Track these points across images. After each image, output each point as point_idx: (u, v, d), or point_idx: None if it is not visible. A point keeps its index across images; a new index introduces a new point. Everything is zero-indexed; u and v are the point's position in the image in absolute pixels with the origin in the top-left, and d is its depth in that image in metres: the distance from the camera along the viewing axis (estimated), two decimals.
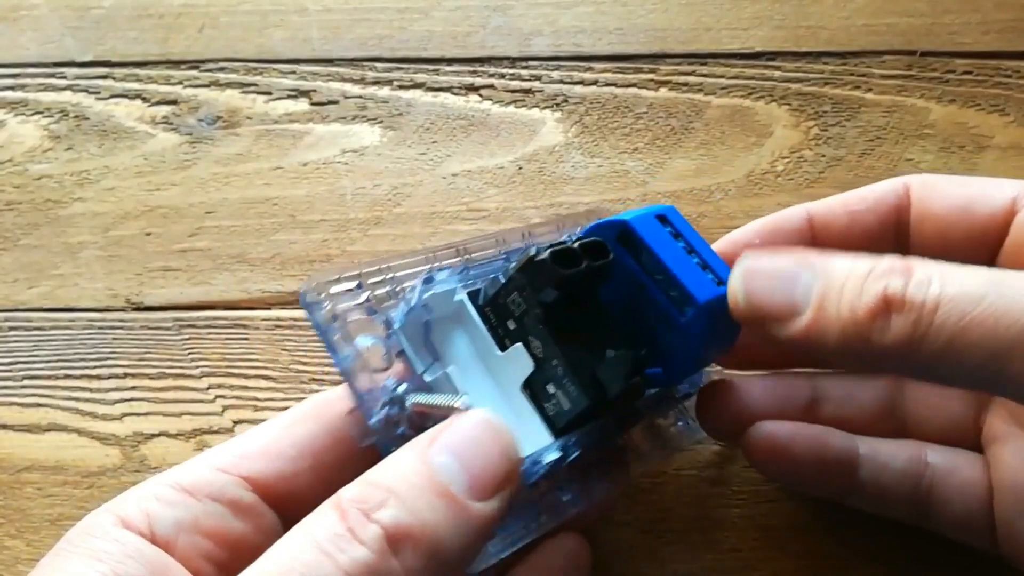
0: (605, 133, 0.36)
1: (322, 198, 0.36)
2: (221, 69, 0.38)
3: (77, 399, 0.33)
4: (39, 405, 0.33)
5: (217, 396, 0.33)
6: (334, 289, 0.24)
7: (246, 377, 0.33)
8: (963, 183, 0.27)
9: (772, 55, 0.37)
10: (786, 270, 0.23)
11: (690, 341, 0.25)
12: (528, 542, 0.24)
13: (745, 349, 0.28)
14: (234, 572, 0.22)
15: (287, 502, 0.24)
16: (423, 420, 0.23)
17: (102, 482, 0.32)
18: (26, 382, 0.34)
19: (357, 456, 0.25)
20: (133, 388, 0.33)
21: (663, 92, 0.37)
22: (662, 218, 0.26)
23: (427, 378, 0.24)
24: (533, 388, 0.24)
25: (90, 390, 0.33)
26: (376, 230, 0.35)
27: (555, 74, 0.37)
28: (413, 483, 0.20)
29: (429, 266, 0.25)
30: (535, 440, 0.24)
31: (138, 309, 0.34)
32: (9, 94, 0.37)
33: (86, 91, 0.37)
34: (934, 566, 0.31)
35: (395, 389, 0.23)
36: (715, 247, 0.28)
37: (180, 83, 0.37)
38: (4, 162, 0.37)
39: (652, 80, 0.37)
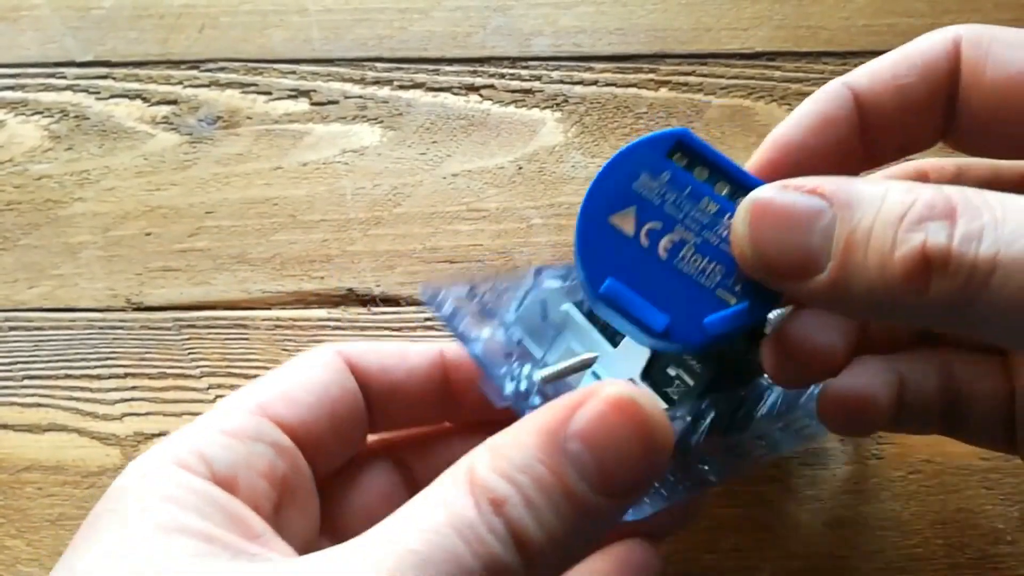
0: (605, 133, 0.36)
1: (322, 198, 0.36)
2: (221, 69, 0.38)
3: (77, 399, 0.33)
4: (39, 405, 0.33)
5: (217, 396, 0.33)
6: (449, 291, 0.24)
7: (246, 377, 0.33)
8: (1019, 45, 0.22)
9: (772, 55, 0.37)
10: (802, 209, 0.19)
11: None
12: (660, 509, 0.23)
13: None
14: (283, 512, 0.23)
15: (310, 451, 0.25)
16: (555, 389, 0.22)
17: (102, 482, 0.32)
18: (26, 382, 0.34)
19: (362, 418, 0.26)
20: (133, 388, 0.33)
21: (663, 92, 0.37)
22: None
23: (549, 361, 0.24)
24: (653, 376, 0.24)
25: (90, 390, 0.33)
26: (376, 230, 0.35)
27: (555, 74, 0.37)
28: (542, 480, 0.18)
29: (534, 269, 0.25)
30: None
31: (138, 309, 0.34)
32: (9, 94, 0.37)
33: (86, 91, 0.37)
34: (934, 566, 0.31)
35: (522, 366, 0.23)
36: (758, 157, 0.24)
37: (180, 83, 0.37)
38: (4, 162, 0.37)
39: (652, 80, 0.37)
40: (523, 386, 0.22)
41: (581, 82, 0.37)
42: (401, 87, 0.37)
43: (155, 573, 0.19)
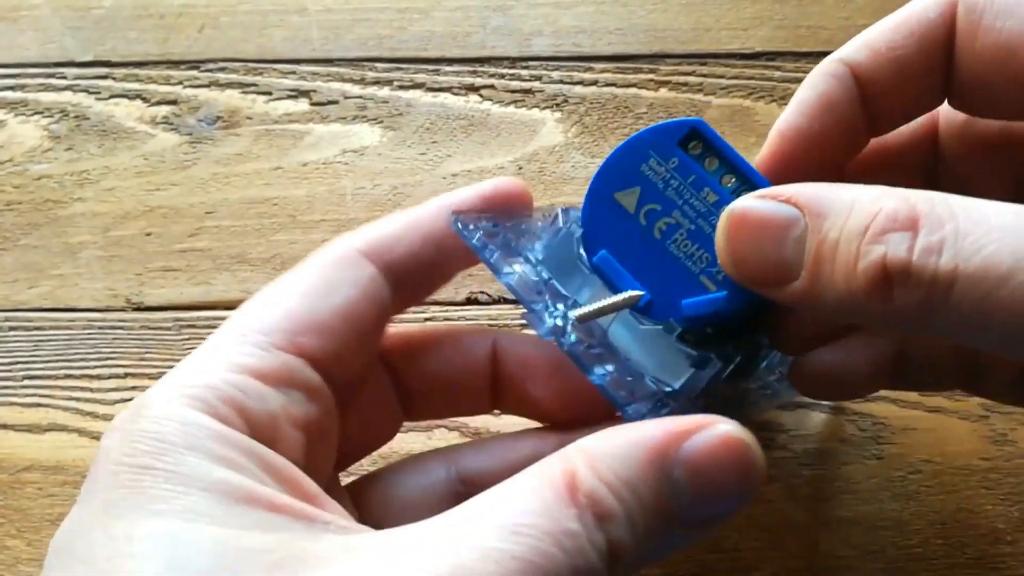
0: (605, 133, 0.36)
1: (322, 198, 0.36)
2: (221, 69, 0.38)
3: (77, 399, 0.33)
4: (39, 405, 0.33)
5: None
6: (475, 225, 0.24)
7: None
8: (1015, 15, 0.21)
9: (772, 55, 0.37)
10: (776, 220, 0.19)
11: None
12: None
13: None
14: (310, 456, 0.21)
15: (336, 374, 0.23)
16: (589, 330, 0.23)
17: None
18: (26, 382, 0.34)
19: (387, 319, 0.24)
20: (134, 388, 0.33)
21: (663, 92, 0.37)
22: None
23: (579, 300, 0.24)
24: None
25: (90, 390, 0.33)
26: None
27: (555, 74, 0.37)
28: (646, 503, 0.18)
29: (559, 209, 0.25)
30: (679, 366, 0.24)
31: (138, 309, 0.34)
32: (9, 94, 0.37)
33: (86, 91, 0.37)
34: (934, 566, 0.31)
35: (556, 309, 0.23)
36: (766, 151, 0.25)
37: (180, 83, 0.37)
38: (4, 162, 0.37)
39: (652, 80, 0.37)
40: (559, 322, 0.22)
41: (581, 82, 0.37)
42: (401, 87, 0.37)
43: (235, 557, 0.17)
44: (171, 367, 0.33)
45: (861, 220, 0.18)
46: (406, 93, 0.37)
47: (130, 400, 0.33)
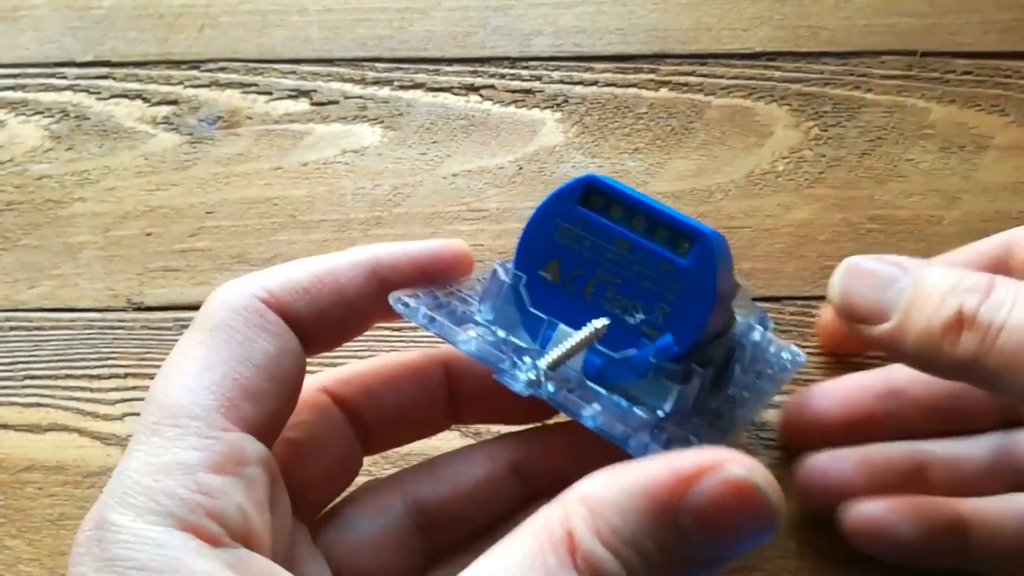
0: (605, 133, 0.36)
1: (322, 198, 0.36)
2: (221, 69, 0.38)
3: (78, 399, 0.33)
4: (39, 405, 0.33)
5: None
6: (416, 300, 0.24)
7: None
8: None
9: (772, 55, 0.37)
10: (884, 274, 0.24)
11: (700, 281, 0.22)
12: None
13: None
14: (275, 528, 0.21)
15: (274, 436, 0.22)
16: (563, 373, 0.23)
17: (103, 482, 0.32)
18: (26, 382, 0.34)
19: (302, 366, 0.23)
20: (134, 388, 0.33)
21: (663, 92, 0.37)
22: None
23: (541, 347, 0.24)
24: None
25: (91, 390, 0.33)
26: (376, 230, 0.35)
27: (555, 74, 0.37)
28: (652, 559, 0.17)
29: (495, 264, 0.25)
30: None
31: (138, 309, 0.34)
32: (9, 94, 0.37)
33: (86, 91, 0.37)
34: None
35: (520, 357, 0.23)
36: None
37: (180, 83, 0.37)
38: (4, 162, 0.37)
39: (652, 80, 0.37)
40: (532, 375, 0.22)
41: (581, 82, 0.37)
42: (401, 87, 0.37)
43: None
44: None
45: (952, 280, 0.23)
46: (406, 93, 0.37)
47: (130, 400, 0.34)
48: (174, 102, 0.37)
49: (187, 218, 0.36)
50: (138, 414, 0.33)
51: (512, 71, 0.37)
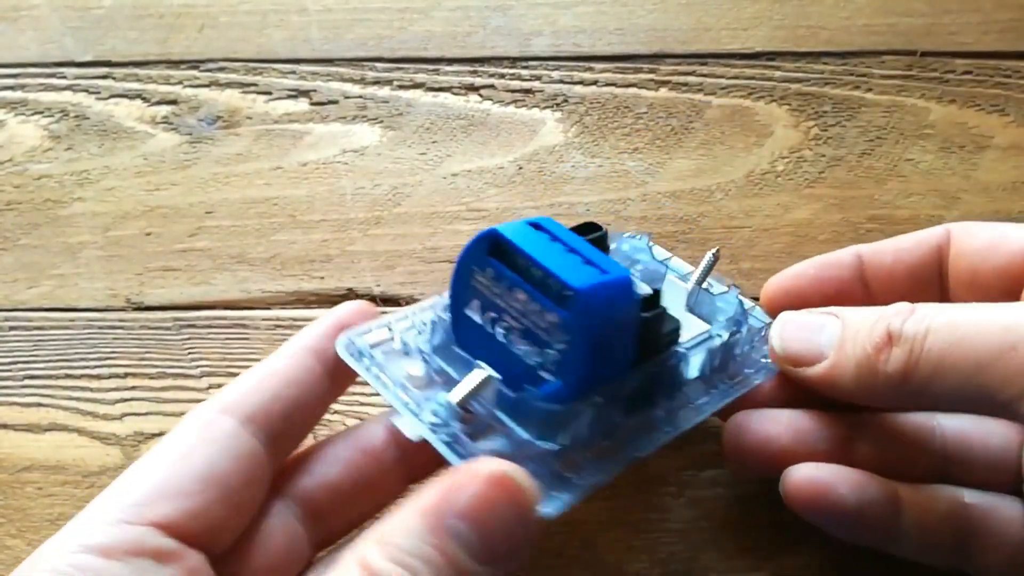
0: (605, 133, 0.36)
1: (322, 198, 0.36)
2: (221, 69, 0.38)
3: (77, 399, 0.33)
4: (39, 405, 0.33)
5: None
6: (368, 339, 0.26)
7: None
8: (995, 227, 0.29)
9: (772, 55, 0.37)
10: (815, 321, 0.27)
11: (577, 336, 0.24)
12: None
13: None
14: None
15: (204, 538, 0.23)
16: (474, 404, 0.24)
17: (102, 482, 0.32)
18: (26, 382, 0.34)
19: (262, 470, 0.25)
20: (133, 388, 0.33)
21: (663, 92, 0.37)
22: (536, 225, 0.25)
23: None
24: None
25: (90, 390, 0.33)
26: (376, 230, 0.35)
27: (555, 74, 0.37)
28: (433, 561, 0.20)
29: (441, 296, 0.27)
30: None
31: (138, 309, 0.34)
32: (9, 94, 0.37)
33: (86, 91, 0.37)
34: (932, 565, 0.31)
35: (431, 406, 0.24)
36: (772, 282, 0.29)
37: (180, 83, 0.37)
38: (4, 162, 0.37)
39: (652, 80, 0.37)
40: (441, 413, 0.24)
41: (581, 82, 0.37)
42: (401, 87, 0.37)
43: None
44: (171, 366, 0.33)
45: (876, 314, 0.25)
46: (406, 93, 0.37)
47: (130, 400, 0.34)
48: (174, 102, 0.37)
49: (187, 218, 0.36)
50: (137, 414, 0.33)
51: (512, 71, 0.37)
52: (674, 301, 0.29)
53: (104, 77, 0.38)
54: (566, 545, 0.31)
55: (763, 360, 0.29)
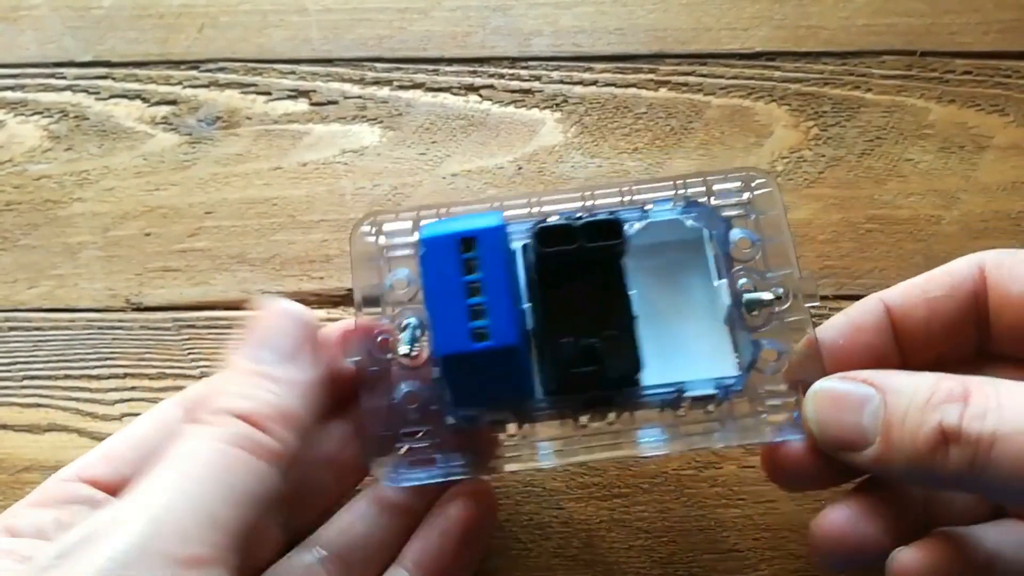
0: (605, 133, 0.36)
1: (322, 198, 0.36)
2: (221, 69, 0.38)
3: (77, 399, 0.33)
4: (39, 405, 0.33)
5: None
6: (388, 227, 0.27)
7: None
8: None
9: (772, 55, 0.37)
10: (853, 397, 0.24)
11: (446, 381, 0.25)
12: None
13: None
14: None
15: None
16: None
17: None
18: (26, 382, 0.34)
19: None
20: (133, 388, 0.33)
21: (663, 92, 0.37)
22: (468, 241, 0.25)
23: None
24: None
25: (90, 390, 0.33)
26: None
27: (555, 74, 0.37)
28: (242, 378, 0.24)
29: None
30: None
31: (138, 309, 0.34)
32: (9, 94, 0.37)
33: (86, 91, 0.37)
34: None
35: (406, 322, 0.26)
36: (800, 346, 0.25)
37: (180, 83, 0.37)
38: (4, 162, 0.37)
39: (652, 80, 0.37)
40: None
41: (581, 82, 0.37)
42: (401, 87, 0.37)
43: None
44: (170, 367, 0.33)
45: (925, 394, 0.22)
46: (406, 93, 0.37)
47: (129, 400, 0.34)
48: (173, 102, 0.37)
49: (186, 218, 0.36)
50: (137, 414, 0.33)
51: (512, 71, 0.37)
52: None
53: (104, 77, 0.38)
54: (566, 545, 0.31)
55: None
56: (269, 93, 0.37)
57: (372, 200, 0.35)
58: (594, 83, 0.37)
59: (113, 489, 0.25)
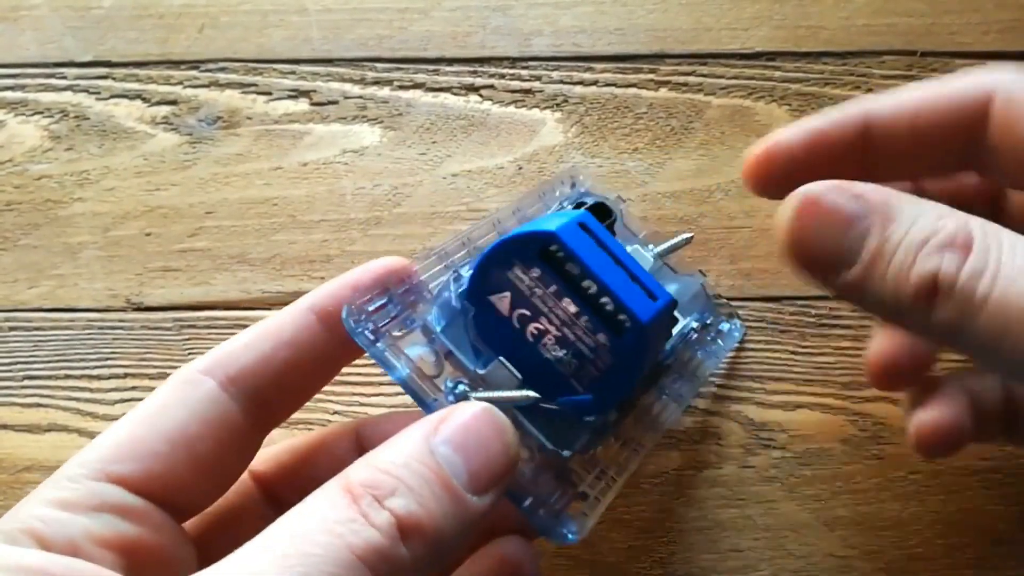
0: (605, 133, 0.36)
1: (322, 198, 0.36)
2: (221, 69, 0.38)
3: (77, 399, 0.33)
4: (39, 405, 0.33)
5: None
6: (370, 308, 0.24)
7: None
8: None
9: (772, 55, 0.37)
10: (843, 211, 0.20)
11: (628, 363, 0.23)
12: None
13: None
14: (143, 571, 0.22)
15: (169, 498, 0.23)
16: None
17: None
18: (26, 382, 0.34)
19: (240, 436, 0.24)
20: (133, 388, 0.33)
21: (663, 92, 0.37)
22: (583, 226, 0.24)
23: (480, 371, 0.25)
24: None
25: (90, 390, 0.33)
26: (376, 230, 0.35)
27: (555, 74, 0.37)
28: (421, 473, 0.20)
29: (447, 264, 0.26)
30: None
31: (138, 309, 0.34)
32: (9, 94, 0.37)
33: (86, 91, 0.37)
34: (934, 566, 0.31)
35: (455, 388, 0.24)
36: (757, 150, 0.25)
37: (180, 83, 0.37)
38: (4, 162, 0.37)
39: (652, 80, 0.37)
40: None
41: (581, 82, 0.37)
42: (401, 87, 0.37)
43: None
44: (171, 367, 0.33)
45: (924, 233, 0.20)
46: (406, 93, 0.37)
47: (129, 400, 0.34)
48: (174, 102, 0.37)
49: (187, 218, 0.36)
50: None
51: (512, 71, 0.37)
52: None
53: (104, 77, 0.38)
54: (566, 545, 0.31)
55: (713, 347, 0.31)
56: (269, 93, 0.37)
57: (372, 200, 0.35)
58: (594, 83, 0.37)
59: (143, 490, 0.23)
